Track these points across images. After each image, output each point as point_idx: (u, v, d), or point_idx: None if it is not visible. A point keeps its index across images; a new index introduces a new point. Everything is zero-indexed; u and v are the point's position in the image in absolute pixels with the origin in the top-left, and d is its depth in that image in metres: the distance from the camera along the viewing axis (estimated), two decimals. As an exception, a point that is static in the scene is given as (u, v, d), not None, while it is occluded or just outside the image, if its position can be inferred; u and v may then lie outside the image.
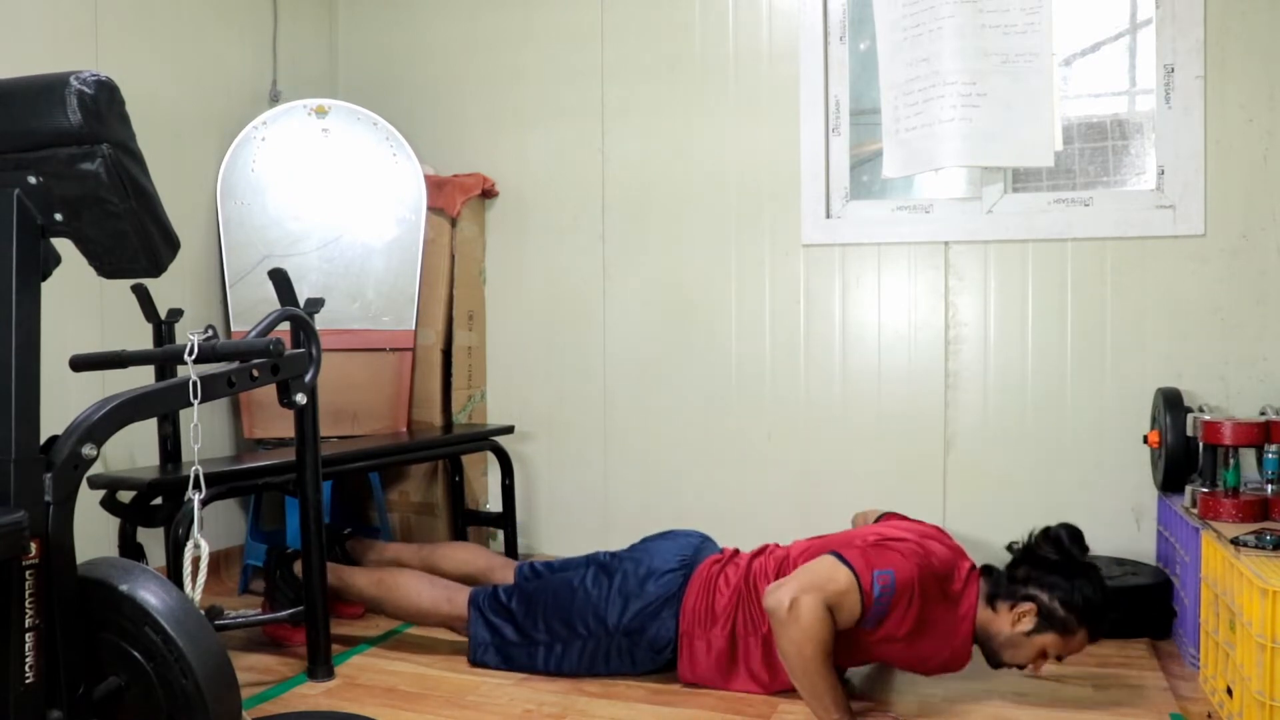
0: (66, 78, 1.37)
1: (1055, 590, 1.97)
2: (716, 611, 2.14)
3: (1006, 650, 2.02)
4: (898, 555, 1.97)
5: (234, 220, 3.11)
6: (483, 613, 2.31)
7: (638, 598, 2.19)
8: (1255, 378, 2.68)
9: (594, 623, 2.21)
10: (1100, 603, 1.97)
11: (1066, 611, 1.96)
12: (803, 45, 3.08)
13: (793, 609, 1.87)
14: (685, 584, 2.19)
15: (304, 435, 2.24)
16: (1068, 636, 1.97)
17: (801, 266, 3.10)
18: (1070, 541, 2.02)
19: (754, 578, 2.15)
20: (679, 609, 2.17)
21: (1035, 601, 1.98)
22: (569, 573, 2.31)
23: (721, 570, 2.20)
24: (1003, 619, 2.00)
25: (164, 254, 1.50)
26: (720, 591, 2.16)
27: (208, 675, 1.47)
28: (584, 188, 3.35)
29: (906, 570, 1.95)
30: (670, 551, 2.27)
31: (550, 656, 2.25)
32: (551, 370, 3.40)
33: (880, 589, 1.91)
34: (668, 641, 2.17)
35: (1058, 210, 2.89)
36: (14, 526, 1.32)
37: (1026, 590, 2.00)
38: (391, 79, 3.59)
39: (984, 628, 2.03)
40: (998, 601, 2.02)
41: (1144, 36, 2.87)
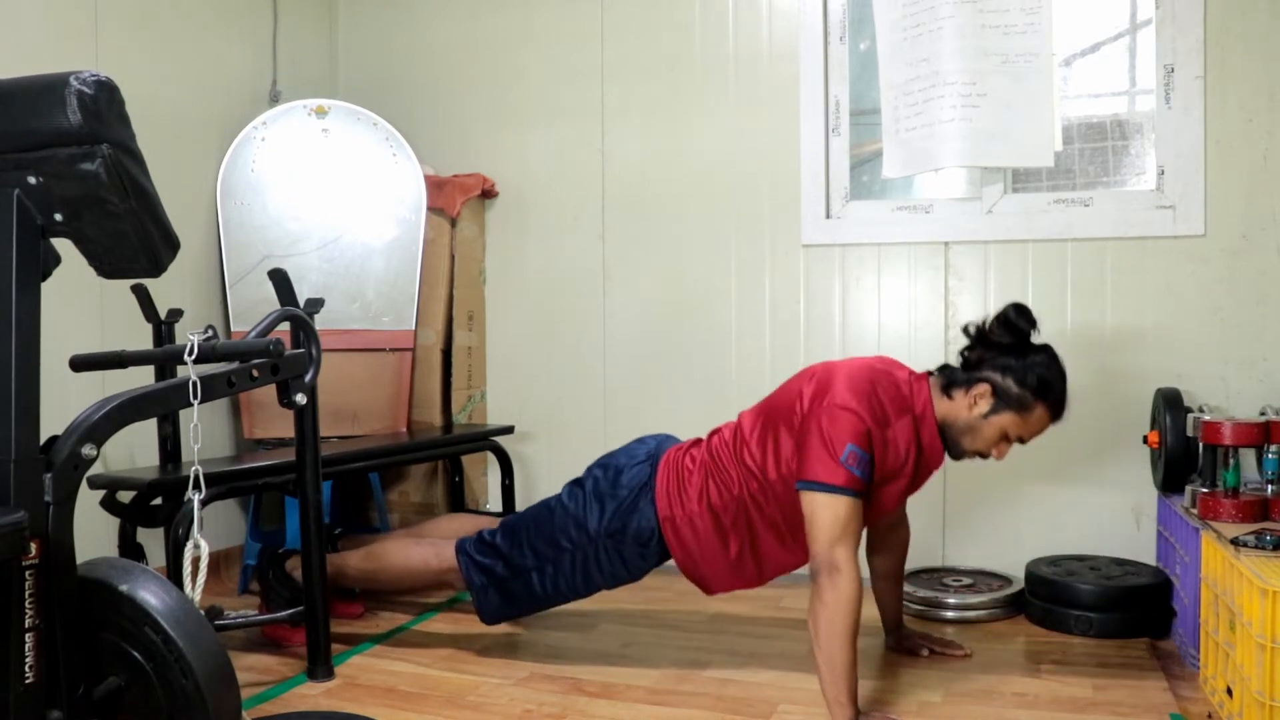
0: (66, 78, 1.37)
1: (1008, 370, 2.00)
2: (689, 489, 2.17)
3: (966, 436, 2.05)
4: (843, 414, 1.96)
5: (234, 220, 3.11)
6: (470, 556, 2.32)
7: (612, 497, 2.21)
8: (1255, 378, 2.68)
9: (576, 532, 2.23)
10: (1053, 377, 2.00)
11: (1021, 388, 1.99)
12: (803, 45, 3.08)
13: (832, 569, 1.87)
14: (654, 473, 2.22)
15: (304, 435, 2.24)
16: (1025, 414, 2.00)
17: (801, 266, 3.10)
18: (1018, 317, 2.03)
19: (715, 450, 2.19)
20: (653, 497, 2.19)
21: (989, 382, 2.01)
22: (545, 500, 2.35)
23: (686, 452, 2.23)
24: (960, 405, 2.03)
25: (164, 254, 1.50)
26: (688, 470, 2.19)
27: (208, 675, 1.47)
28: (584, 188, 3.35)
29: (855, 424, 1.95)
30: (635, 449, 2.32)
31: (544, 579, 2.26)
32: (551, 370, 3.40)
33: (859, 465, 1.93)
34: (651, 531, 2.18)
35: (1058, 210, 2.89)
36: (14, 526, 1.32)
37: (980, 373, 2.02)
38: (391, 79, 3.59)
39: (944, 418, 2.06)
40: (954, 389, 2.05)
41: (1144, 36, 2.87)
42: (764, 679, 2.21)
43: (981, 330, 2.09)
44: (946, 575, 2.81)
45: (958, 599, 2.64)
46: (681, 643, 2.49)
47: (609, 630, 2.59)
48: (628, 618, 2.69)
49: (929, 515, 2.92)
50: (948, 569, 2.88)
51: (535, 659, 2.37)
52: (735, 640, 2.50)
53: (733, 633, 2.56)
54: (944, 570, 2.87)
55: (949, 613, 2.63)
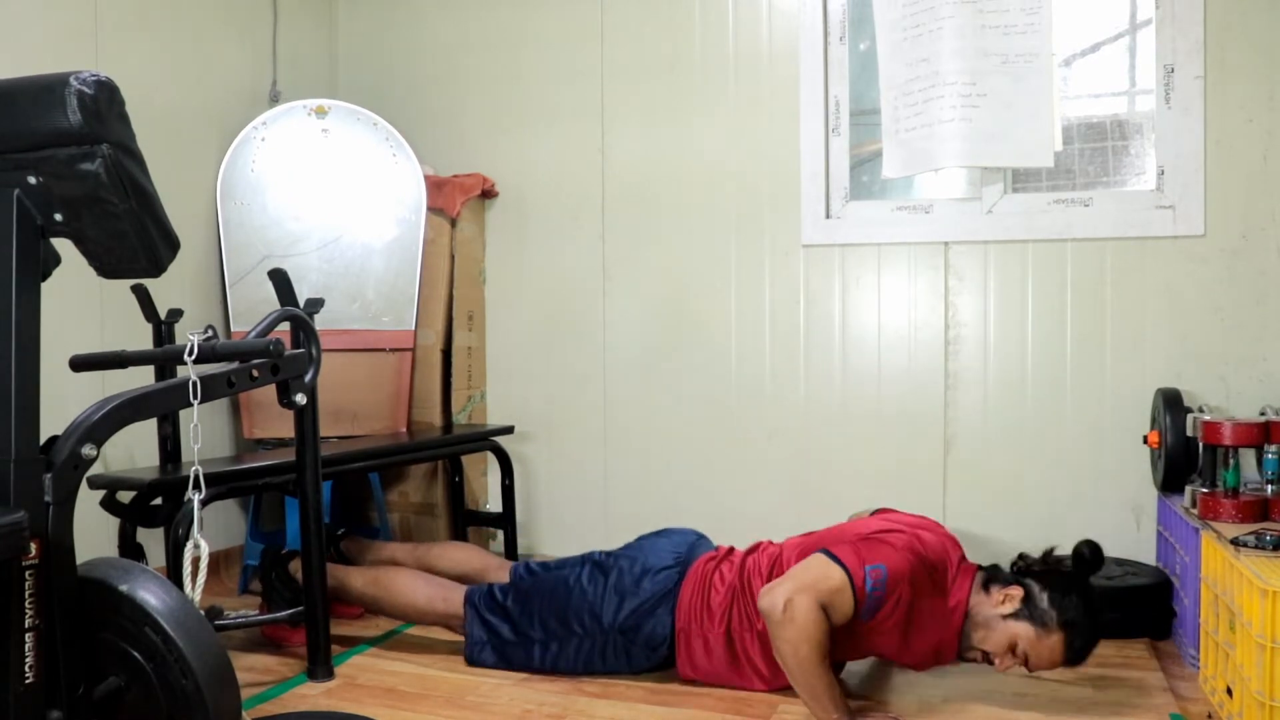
0: (66, 78, 1.37)
1: (1050, 588, 1.98)
2: (712, 609, 2.14)
3: (979, 630, 2.00)
4: (889, 548, 1.97)
5: (234, 220, 3.11)
6: (479, 611, 2.31)
7: (633, 595, 2.19)
8: (1255, 378, 2.68)
9: (589, 621, 2.21)
10: (1088, 624, 1.96)
11: (1050, 607, 1.96)
12: (803, 45, 3.08)
13: (787, 610, 1.87)
14: (680, 581, 2.19)
15: (304, 435, 2.24)
16: (1041, 634, 1.95)
17: (801, 266, 3.10)
18: (1091, 558, 2.01)
19: (748, 575, 2.15)
20: (675, 606, 2.17)
21: (1025, 587, 1.99)
22: (564, 571, 2.31)
23: (716, 567, 2.20)
24: (989, 600, 2.01)
25: (164, 254, 1.50)
26: (715, 589, 2.16)
27: (208, 675, 1.47)
28: (584, 188, 3.35)
29: (898, 562, 1.95)
30: (665, 549, 2.27)
31: (546, 655, 2.25)
32: (551, 370, 3.40)
33: (873, 583, 1.92)
34: (663, 639, 2.17)
35: (1058, 210, 2.89)
36: (14, 526, 1.32)
37: (1022, 579, 2.01)
38: (391, 79, 3.59)
39: (971, 611, 2.03)
40: (992, 586, 2.03)
41: (1144, 36, 2.87)
42: (764, 679, 2.21)
43: (1048, 556, 2.07)
44: (946, 575, 2.81)
45: (958, 599, 2.64)
46: (681, 643, 2.48)
47: (609, 630, 2.59)
48: (628, 618, 2.69)
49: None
50: (948, 569, 2.88)
51: (535, 659, 2.37)
52: (735, 640, 2.50)
53: (733, 633, 2.56)
54: (944, 570, 2.87)
55: (949, 613, 2.62)
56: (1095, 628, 1.97)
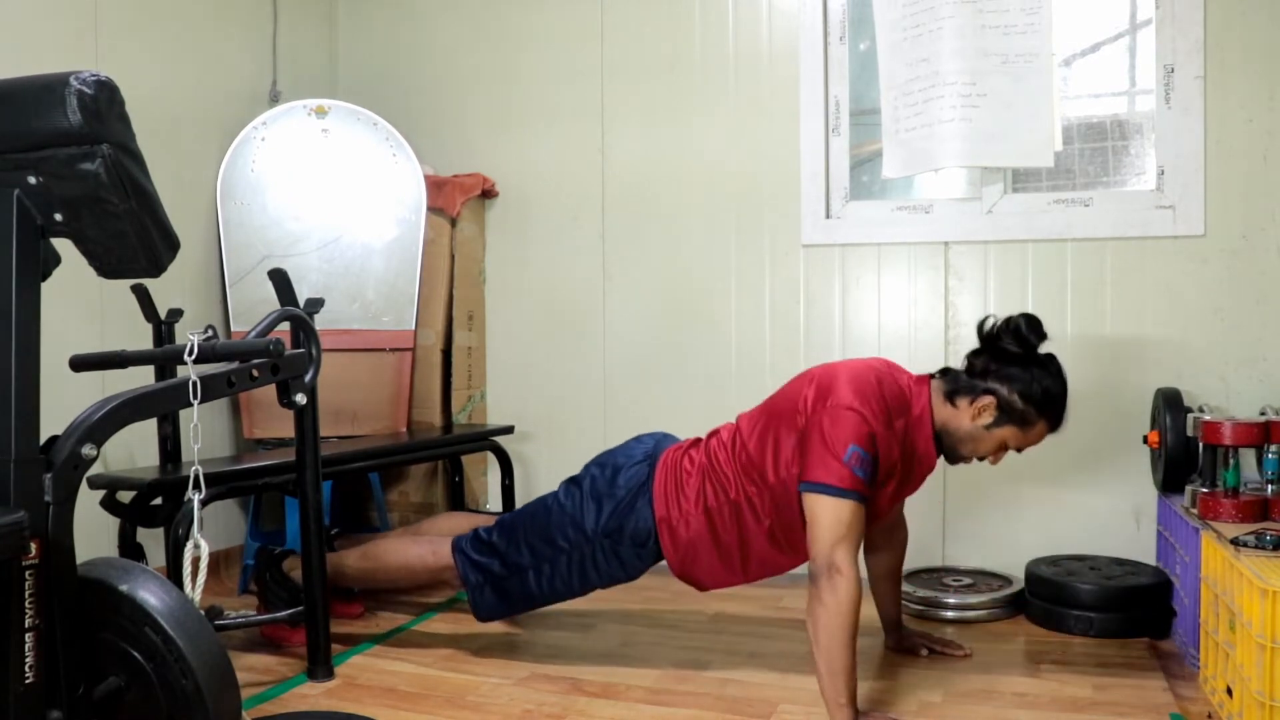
0: (66, 78, 1.37)
1: (1014, 382, 2.01)
2: (687, 491, 2.16)
3: (966, 444, 2.06)
4: (845, 415, 1.96)
5: (234, 220, 3.11)
6: (466, 554, 2.32)
7: (610, 497, 2.21)
8: (1255, 378, 2.68)
9: (573, 532, 2.22)
10: (1058, 393, 2.02)
11: (1025, 404, 2.00)
12: (803, 45, 3.08)
13: (832, 570, 1.87)
14: (652, 473, 2.21)
15: (304, 435, 2.24)
16: (1026, 428, 2.02)
17: (801, 266, 3.10)
18: (1029, 330, 2.03)
19: (713, 451, 2.19)
20: (651, 497, 2.19)
21: (994, 395, 2.01)
22: (541, 497, 2.35)
23: (685, 453, 2.23)
24: (962, 414, 2.04)
25: (164, 254, 1.50)
26: (686, 472, 2.19)
27: (208, 675, 1.47)
28: (584, 188, 3.35)
29: (858, 424, 1.95)
30: (632, 448, 2.31)
31: (540, 578, 2.26)
32: (551, 370, 3.40)
33: (859, 465, 1.93)
34: (648, 531, 2.18)
35: (1058, 210, 2.89)
36: (14, 526, 1.32)
37: (985, 384, 2.03)
38: (391, 79, 3.59)
39: (943, 424, 2.06)
40: (957, 397, 2.05)
41: (1144, 36, 2.87)
42: (764, 679, 2.21)
43: (991, 336, 2.08)
44: (946, 575, 2.81)
45: (958, 599, 2.64)
46: (681, 643, 2.49)
47: (609, 630, 2.59)
48: (627, 618, 2.69)
49: (929, 515, 2.92)
50: (948, 569, 2.88)
51: (535, 659, 2.37)
52: (735, 640, 2.50)
53: (733, 633, 2.57)
54: (944, 570, 2.87)
55: (949, 612, 2.63)
56: (1064, 388, 2.03)
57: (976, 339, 2.11)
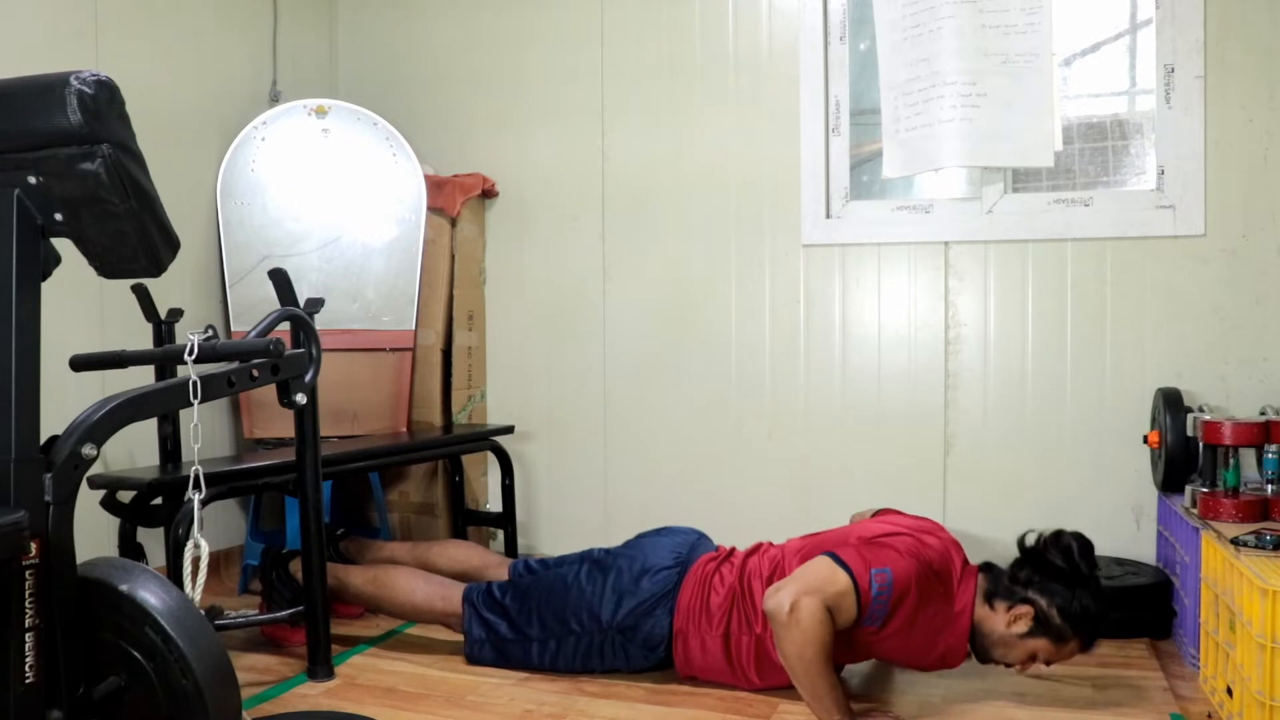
0: (66, 78, 1.37)
1: (1055, 597, 1.97)
2: (711, 610, 2.14)
3: (998, 649, 2.03)
4: (894, 552, 1.97)
5: (234, 220, 3.11)
6: (477, 609, 2.31)
7: (632, 595, 2.19)
8: (1255, 378, 2.68)
9: (588, 619, 2.21)
10: (1097, 617, 1.98)
11: (1063, 620, 1.97)
12: (803, 45, 3.08)
13: (793, 612, 1.87)
14: (680, 581, 2.19)
15: (304, 435, 2.24)
16: (1060, 644, 1.99)
17: (801, 266, 3.10)
18: (1080, 553, 2.01)
19: (749, 577, 2.15)
20: (673, 606, 2.17)
21: (1033, 605, 1.98)
22: (563, 569, 2.32)
23: (717, 569, 2.20)
24: (998, 618, 2.01)
25: (164, 254, 1.50)
26: (715, 590, 2.16)
27: (208, 675, 1.47)
28: (584, 187, 3.35)
29: (903, 567, 1.95)
30: (665, 548, 2.27)
31: (545, 652, 2.25)
32: (551, 370, 3.40)
33: (878, 588, 1.92)
34: (661, 639, 2.17)
35: (1058, 210, 2.89)
36: (14, 526, 1.32)
37: (1026, 593, 2.00)
38: (391, 79, 3.59)
39: (979, 624, 2.03)
40: (996, 600, 2.02)
41: (1144, 36, 2.87)
42: (764, 679, 2.21)
43: (1039, 549, 2.06)
44: (946, 575, 2.81)
45: (958, 599, 2.64)
46: (681, 643, 2.48)
47: (609, 630, 2.59)
48: (628, 618, 2.69)
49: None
50: (948, 569, 2.88)
51: (535, 659, 2.37)
52: (735, 640, 2.50)
53: (733, 633, 2.56)
54: (944, 570, 2.87)
55: (949, 613, 2.62)
56: (1104, 614, 2.00)
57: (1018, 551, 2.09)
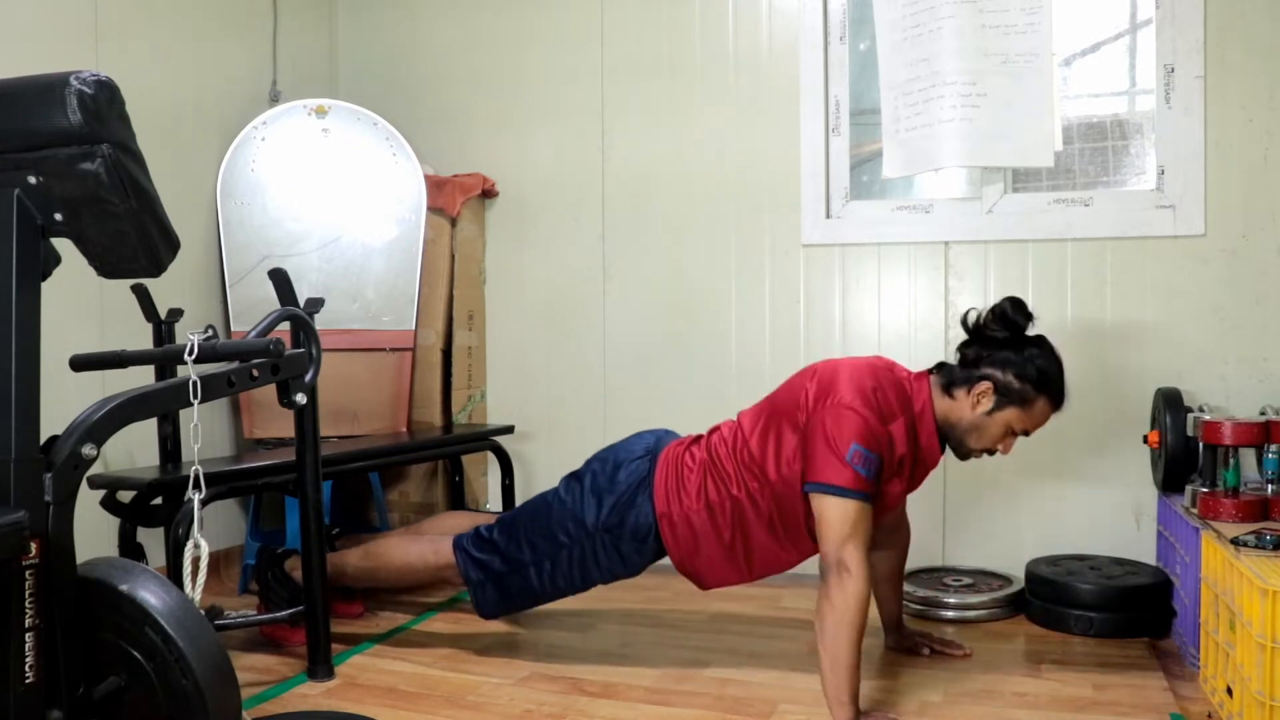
0: (66, 78, 1.37)
1: (1008, 365, 2.02)
2: (688, 486, 2.16)
3: (971, 435, 2.06)
4: (849, 412, 1.96)
5: (234, 220, 3.11)
6: (468, 551, 2.32)
7: (610, 492, 2.21)
8: (1255, 378, 2.68)
9: (574, 527, 2.22)
10: (1054, 369, 2.03)
11: (1022, 383, 2.01)
12: (803, 45, 3.08)
13: (840, 567, 1.88)
14: (653, 468, 2.21)
15: (304, 435, 2.24)
16: (1028, 408, 2.02)
17: (801, 266, 3.10)
18: (1015, 312, 2.05)
19: (714, 448, 2.18)
20: (652, 493, 2.19)
21: (990, 380, 2.02)
22: (542, 493, 2.35)
23: (686, 449, 2.23)
24: (962, 404, 2.05)
25: (164, 254, 1.50)
26: (688, 467, 2.19)
27: (208, 675, 1.47)
28: (584, 187, 3.35)
29: (860, 423, 1.95)
30: (633, 444, 2.31)
31: (542, 574, 2.26)
32: (551, 370, 3.40)
33: (864, 465, 1.93)
34: (649, 527, 2.18)
35: (1058, 210, 2.89)
36: (14, 526, 1.32)
37: (980, 371, 2.04)
38: (391, 79, 3.59)
39: (945, 418, 2.07)
40: (954, 389, 2.06)
41: (1144, 36, 2.87)
42: (764, 679, 2.21)
43: (978, 325, 2.10)
44: (946, 575, 2.81)
45: (958, 599, 2.64)
46: (681, 642, 2.49)
47: (609, 630, 2.59)
48: (628, 617, 2.69)
49: (929, 515, 2.92)
50: (948, 569, 2.88)
51: (535, 659, 2.37)
52: (735, 640, 2.50)
53: (733, 633, 2.57)
54: (944, 570, 2.87)
55: (949, 612, 2.63)
56: (1059, 363, 2.04)
57: (963, 331, 2.13)
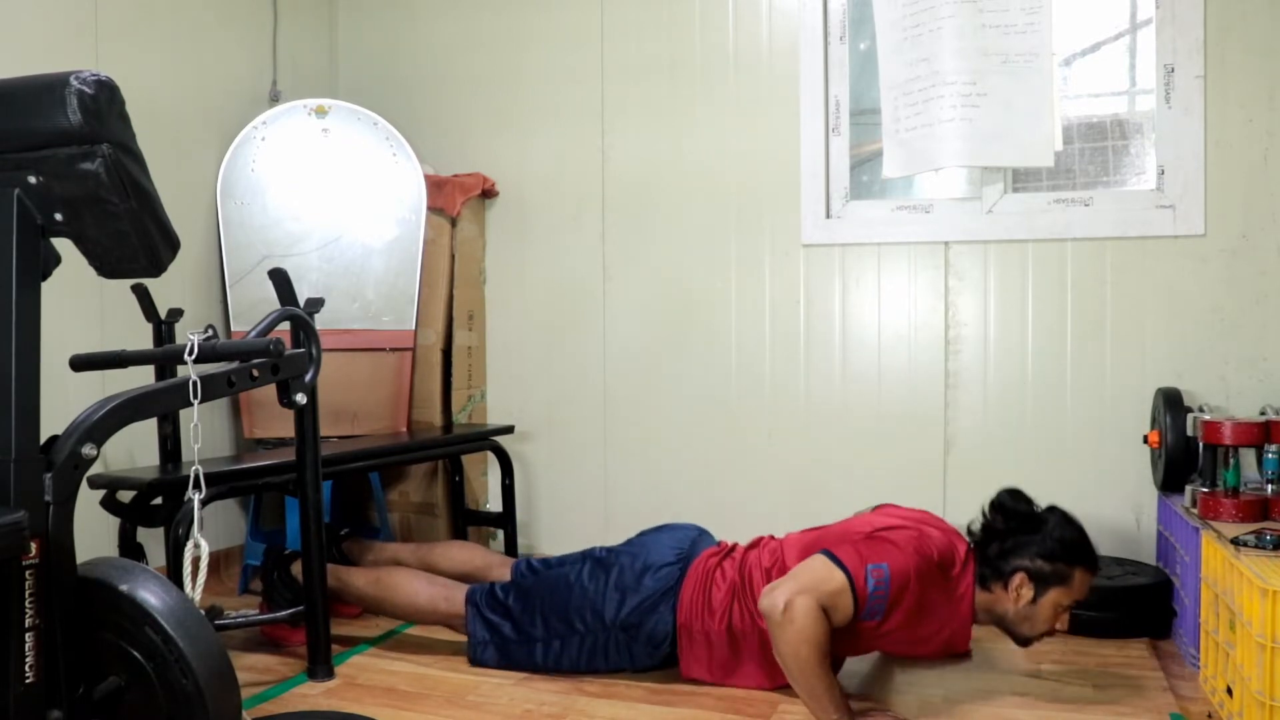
0: (66, 78, 1.37)
1: (1032, 549, 2.01)
2: (714, 605, 2.14)
3: (1024, 625, 2.04)
4: (892, 546, 1.97)
5: (234, 220, 3.11)
6: (480, 611, 2.31)
7: (635, 592, 2.19)
8: (1255, 378, 2.68)
9: (591, 618, 2.21)
10: (1077, 536, 2.02)
11: (1053, 563, 2.00)
12: (803, 45, 3.08)
13: (787, 611, 1.87)
14: (682, 577, 2.19)
15: (304, 435, 2.24)
16: (1068, 584, 2.01)
17: (801, 266, 3.10)
18: (1015, 501, 2.06)
19: (749, 571, 2.15)
20: (676, 603, 2.17)
21: (1021, 569, 2.00)
22: (565, 568, 2.31)
23: (719, 564, 2.20)
24: (1005, 599, 2.03)
25: (164, 254, 1.51)
26: (717, 585, 2.16)
27: (208, 675, 1.47)
28: (584, 187, 3.35)
29: (901, 560, 1.94)
30: (667, 545, 2.27)
31: (549, 653, 2.25)
32: (551, 370, 3.40)
33: (875, 583, 1.92)
34: (665, 635, 2.17)
35: (1058, 210, 2.89)
36: (14, 526, 1.32)
37: (1009, 565, 2.02)
38: (391, 79, 3.59)
39: (989, 610, 2.05)
40: (990, 584, 2.04)
41: (1144, 36, 2.87)
42: (764, 679, 2.21)
43: (987, 527, 2.08)
44: (946, 575, 2.80)
45: (958, 599, 2.64)
46: (681, 643, 2.48)
47: (609, 630, 2.59)
48: (628, 618, 2.69)
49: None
50: (948, 569, 2.88)
51: (535, 659, 2.37)
52: (735, 640, 2.50)
53: (733, 633, 2.56)
54: (944, 570, 2.87)
55: (949, 613, 2.62)
56: (1080, 530, 2.04)
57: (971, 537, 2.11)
